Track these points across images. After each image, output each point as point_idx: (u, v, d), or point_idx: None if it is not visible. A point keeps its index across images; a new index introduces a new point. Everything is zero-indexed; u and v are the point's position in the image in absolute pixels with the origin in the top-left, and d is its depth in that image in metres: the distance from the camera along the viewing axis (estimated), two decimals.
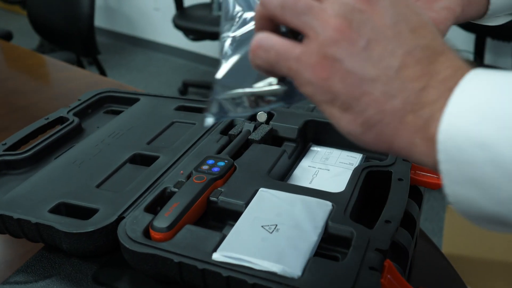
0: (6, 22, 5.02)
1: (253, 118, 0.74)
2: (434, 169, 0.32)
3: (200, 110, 0.80)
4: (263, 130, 0.70)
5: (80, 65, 2.37)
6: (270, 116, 0.74)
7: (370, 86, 0.32)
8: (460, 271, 0.66)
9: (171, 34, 3.69)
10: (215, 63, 2.92)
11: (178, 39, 3.72)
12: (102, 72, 2.23)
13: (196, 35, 2.91)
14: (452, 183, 0.31)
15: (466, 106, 0.30)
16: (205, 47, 3.64)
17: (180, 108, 0.81)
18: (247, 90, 0.38)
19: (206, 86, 3.37)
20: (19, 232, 0.58)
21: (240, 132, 0.70)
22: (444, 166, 0.30)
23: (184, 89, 3.37)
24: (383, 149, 0.34)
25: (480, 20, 0.58)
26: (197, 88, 3.41)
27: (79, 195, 0.60)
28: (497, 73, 0.31)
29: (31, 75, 1.56)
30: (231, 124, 0.73)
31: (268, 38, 0.35)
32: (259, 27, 0.37)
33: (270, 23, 0.36)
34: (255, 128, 0.71)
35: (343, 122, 0.34)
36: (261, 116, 0.74)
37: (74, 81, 1.46)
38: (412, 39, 0.32)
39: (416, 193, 0.64)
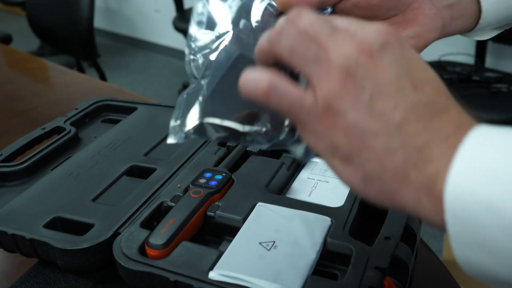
0: (7, 23, 5.01)
1: None
2: (442, 229, 0.31)
3: None
4: None
5: (80, 67, 2.36)
6: None
7: (371, 140, 0.32)
8: (460, 277, 0.65)
9: (171, 35, 3.68)
10: None
11: (178, 41, 3.72)
12: (102, 75, 2.22)
13: None
14: (461, 246, 0.30)
15: (471, 165, 0.29)
16: None
17: None
18: (241, 127, 0.37)
19: None
20: (13, 247, 0.57)
21: (238, 143, 0.69)
22: (452, 228, 0.30)
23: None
24: (387, 204, 0.33)
25: (468, 34, 0.57)
26: None
27: (75, 209, 0.60)
28: (501, 130, 0.30)
29: (31, 79, 1.55)
30: None
31: (281, 85, 0.34)
32: (261, 61, 0.36)
33: (272, 59, 0.36)
34: None
35: (344, 173, 0.34)
36: None
37: (73, 86, 1.45)
38: (414, 95, 0.32)
39: None
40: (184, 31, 2.89)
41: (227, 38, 0.43)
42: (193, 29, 0.43)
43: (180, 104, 0.39)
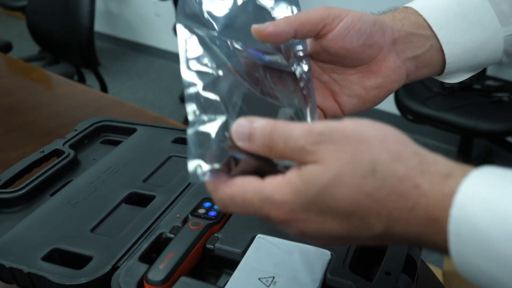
0: (7, 26, 5.01)
1: None
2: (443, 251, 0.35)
3: None
4: None
5: (80, 74, 2.36)
6: None
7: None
8: None
9: (171, 40, 3.68)
10: None
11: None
12: (102, 83, 2.22)
13: None
14: (462, 255, 0.34)
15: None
16: None
17: (177, 141, 0.79)
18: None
19: None
20: (11, 280, 0.57)
21: None
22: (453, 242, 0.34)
23: None
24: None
25: (437, 77, 0.58)
26: None
27: (73, 240, 0.59)
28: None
29: (31, 91, 1.55)
30: None
31: None
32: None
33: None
34: None
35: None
36: None
37: (73, 97, 1.45)
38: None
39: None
40: None
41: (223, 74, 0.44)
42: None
43: (194, 143, 0.39)
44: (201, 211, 0.60)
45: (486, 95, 1.94)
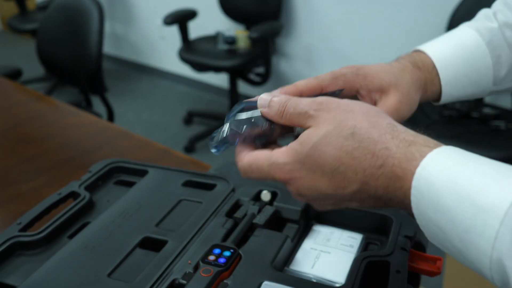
0: (15, 47, 5.09)
1: (257, 198, 0.77)
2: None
3: (206, 187, 0.83)
4: (267, 213, 0.73)
5: (88, 99, 2.41)
6: (274, 195, 0.77)
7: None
8: None
9: (176, 62, 3.74)
10: (220, 92, 2.97)
11: (183, 67, 3.77)
12: (109, 109, 2.26)
13: (201, 67, 2.96)
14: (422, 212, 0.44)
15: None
16: (209, 76, 3.69)
17: (187, 184, 0.84)
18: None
19: (211, 115, 3.41)
20: None
21: (245, 215, 0.73)
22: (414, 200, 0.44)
23: (189, 118, 3.41)
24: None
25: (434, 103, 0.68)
26: (202, 117, 3.45)
27: (92, 286, 0.64)
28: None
29: (41, 122, 1.60)
30: (236, 205, 0.77)
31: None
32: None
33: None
34: (259, 210, 0.74)
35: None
36: (265, 196, 0.77)
37: (82, 128, 1.50)
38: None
39: (413, 277, 0.67)
40: (189, 62, 2.95)
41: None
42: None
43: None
44: (211, 257, 0.64)
45: (484, 123, 1.98)
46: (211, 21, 3.42)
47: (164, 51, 4.03)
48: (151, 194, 0.82)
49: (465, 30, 0.66)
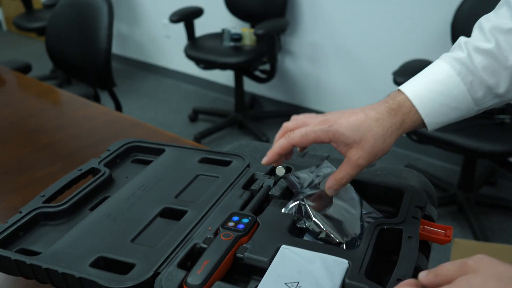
0: (21, 47, 5.13)
1: (271, 173, 0.80)
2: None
3: (221, 163, 0.86)
4: (282, 185, 0.76)
5: (97, 94, 2.44)
6: (288, 170, 0.80)
7: None
8: None
9: (181, 60, 3.77)
10: (225, 90, 2.98)
11: (188, 66, 3.81)
12: (117, 103, 2.29)
13: (207, 64, 2.99)
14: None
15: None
16: (215, 74, 3.72)
17: (203, 160, 0.87)
18: None
19: (216, 113, 3.44)
20: (62, 284, 0.64)
21: (261, 187, 0.76)
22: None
23: (194, 116, 3.44)
24: None
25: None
26: (207, 115, 3.48)
27: (116, 250, 0.66)
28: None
29: (52, 113, 1.63)
30: (252, 179, 0.79)
31: None
32: None
33: None
34: (274, 183, 0.77)
35: None
36: (280, 171, 0.79)
37: (94, 119, 1.52)
38: None
39: (424, 246, 0.70)
40: (195, 59, 2.98)
41: None
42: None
43: None
44: (231, 224, 0.67)
45: (489, 117, 2.01)
46: (217, 19, 3.45)
47: (169, 50, 4.06)
48: (169, 170, 0.85)
49: (438, 64, 0.73)
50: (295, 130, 0.71)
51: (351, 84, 3.02)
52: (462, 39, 0.74)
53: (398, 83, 1.98)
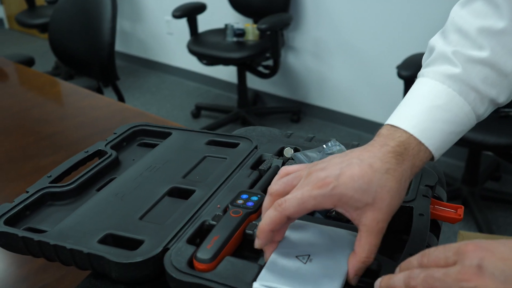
0: (22, 44, 5.13)
1: (280, 153, 0.80)
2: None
3: (228, 145, 0.85)
4: (291, 165, 0.75)
5: (100, 89, 2.43)
6: (295, 151, 0.79)
7: None
8: None
9: (184, 57, 3.77)
10: (228, 86, 2.99)
11: (191, 63, 3.81)
12: (120, 97, 2.29)
13: (209, 60, 2.99)
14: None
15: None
16: (217, 71, 3.72)
17: (210, 143, 0.86)
18: None
19: (219, 109, 3.44)
20: (70, 261, 0.63)
21: (269, 167, 0.75)
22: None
23: (197, 112, 3.43)
24: None
25: None
26: (210, 111, 3.47)
27: (125, 227, 0.66)
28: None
29: (56, 104, 1.63)
30: (260, 160, 0.79)
31: None
32: None
33: None
34: (283, 163, 0.76)
35: None
36: (288, 152, 0.79)
37: (98, 109, 1.52)
38: None
39: (434, 226, 0.69)
40: (197, 54, 2.98)
41: None
42: None
43: None
44: (240, 201, 0.66)
45: (494, 110, 2.00)
46: (220, 15, 3.45)
47: (171, 46, 4.06)
48: (176, 152, 0.84)
49: (432, 86, 0.63)
50: (286, 197, 0.56)
51: (354, 80, 3.02)
52: (446, 50, 0.64)
53: (402, 76, 1.97)
